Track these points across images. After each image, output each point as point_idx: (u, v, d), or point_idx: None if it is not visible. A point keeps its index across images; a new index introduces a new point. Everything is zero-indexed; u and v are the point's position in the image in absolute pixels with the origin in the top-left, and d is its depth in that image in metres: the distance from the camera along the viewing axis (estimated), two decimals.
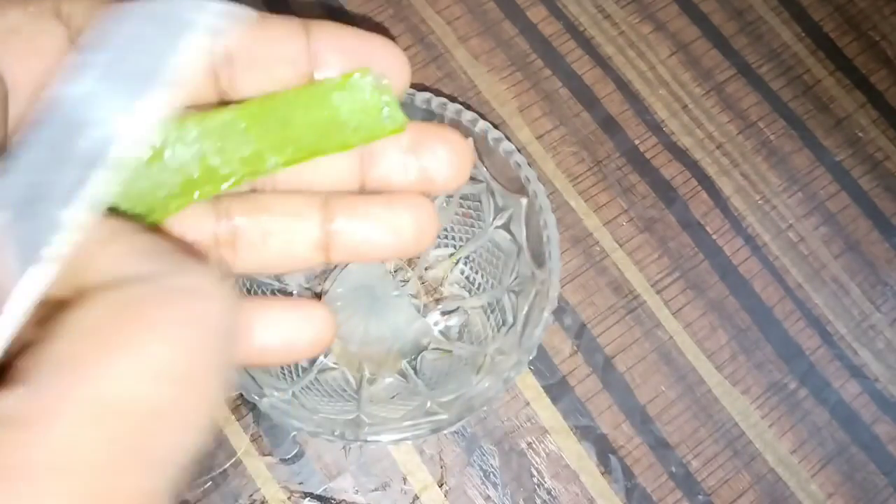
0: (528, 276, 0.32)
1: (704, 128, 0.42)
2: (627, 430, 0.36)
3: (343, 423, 0.30)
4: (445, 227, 0.36)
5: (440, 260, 0.36)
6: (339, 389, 0.33)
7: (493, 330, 0.34)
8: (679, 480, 0.35)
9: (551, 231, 0.30)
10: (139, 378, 0.13)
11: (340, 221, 0.20)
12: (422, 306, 0.36)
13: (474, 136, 0.31)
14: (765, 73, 0.43)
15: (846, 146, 0.42)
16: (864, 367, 0.38)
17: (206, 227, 0.19)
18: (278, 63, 0.19)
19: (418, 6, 0.42)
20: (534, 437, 0.35)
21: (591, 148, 0.41)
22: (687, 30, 0.44)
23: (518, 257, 0.33)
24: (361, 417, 0.31)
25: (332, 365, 0.34)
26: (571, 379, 0.36)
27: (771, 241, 0.40)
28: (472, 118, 0.31)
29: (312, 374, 0.33)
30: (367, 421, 0.30)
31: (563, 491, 0.35)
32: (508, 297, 0.33)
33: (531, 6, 0.43)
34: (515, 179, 0.31)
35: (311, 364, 0.34)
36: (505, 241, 0.33)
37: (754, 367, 0.37)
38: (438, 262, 0.36)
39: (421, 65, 0.41)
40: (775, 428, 0.36)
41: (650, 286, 0.38)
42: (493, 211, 0.34)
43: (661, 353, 0.37)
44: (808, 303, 0.39)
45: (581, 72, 0.42)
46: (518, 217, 0.32)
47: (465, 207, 0.35)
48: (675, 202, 0.40)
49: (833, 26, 0.44)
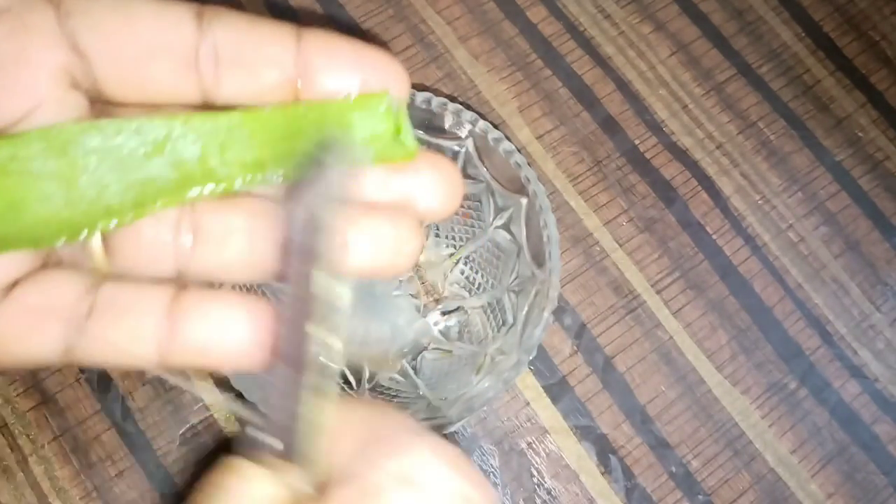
0: (528, 276, 0.32)
1: (704, 128, 0.42)
2: (627, 430, 0.36)
3: None
4: (445, 227, 0.36)
5: (440, 260, 0.36)
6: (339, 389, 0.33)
7: (493, 330, 0.34)
8: (679, 480, 0.35)
9: (551, 231, 0.30)
10: None
11: None
12: (422, 306, 0.36)
13: (474, 137, 0.31)
14: (765, 73, 0.43)
15: (846, 146, 0.42)
16: (864, 367, 0.38)
17: (166, 215, 0.18)
18: (265, 65, 0.18)
19: (418, 6, 0.42)
20: (534, 437, 0.35)
21: (591, 148, 0.41)
22: (687, 30, 0.44)
23: (518, 257, 0.33)
24: None
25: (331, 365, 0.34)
26: (571, 379, 0.36)
27: (771, 241, 0.40)
28: (472, 118, 0.31)
29: None
30: None
31: (563, 491, 0.35)
32: (508, 297, 0.33)
33: (531, 6, 0.43)
34: (515, 179, 0.31)
35: None
36: (505, 241, 0.33)
37: (754, 367, 0.37)
38: (438, 261, 0.36)
39: (421, 65, 0.41)
40: (775, 428, 0.36)
41: (650, 286, 0.38)
42: (493, 211, 0.34)
43: (661, 353, 0.37)
44: (808, 303, 0.39)
45: (581, 72, 0.42)
46: (518, 217, 0.32)
47: (465, 207, 0.35)
48: (675, 202, 0.40)
49: (833, 26, 0.44)
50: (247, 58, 0.18)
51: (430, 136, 0.32)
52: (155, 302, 0.18)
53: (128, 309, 0.18)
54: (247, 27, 0.18)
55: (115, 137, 0.18)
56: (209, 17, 0.18)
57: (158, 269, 0.18)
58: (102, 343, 0.17)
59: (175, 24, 0.18)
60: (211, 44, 0.18)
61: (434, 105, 0.31)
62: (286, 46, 0.18)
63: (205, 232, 0.18)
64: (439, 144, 0.33)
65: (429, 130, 0.32)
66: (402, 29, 0.42)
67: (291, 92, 0.18)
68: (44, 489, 0.33)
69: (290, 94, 0.18)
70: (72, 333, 0.17)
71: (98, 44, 0.17)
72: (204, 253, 0.18)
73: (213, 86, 0.18)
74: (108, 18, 0.18)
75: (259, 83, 0.18)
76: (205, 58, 0.18)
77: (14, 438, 0.34)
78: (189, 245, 0.18)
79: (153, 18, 0.18)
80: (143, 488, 0.33)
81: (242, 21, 0.18)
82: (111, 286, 0.18)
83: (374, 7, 0.42)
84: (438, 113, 0.31)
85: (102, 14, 0.18)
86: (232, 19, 0.18)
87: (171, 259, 0.18)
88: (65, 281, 0.18)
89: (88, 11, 0.17)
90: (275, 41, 0.18)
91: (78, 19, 0.17)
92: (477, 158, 0.32)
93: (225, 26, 0.18)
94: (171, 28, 0.18)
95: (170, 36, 0.18)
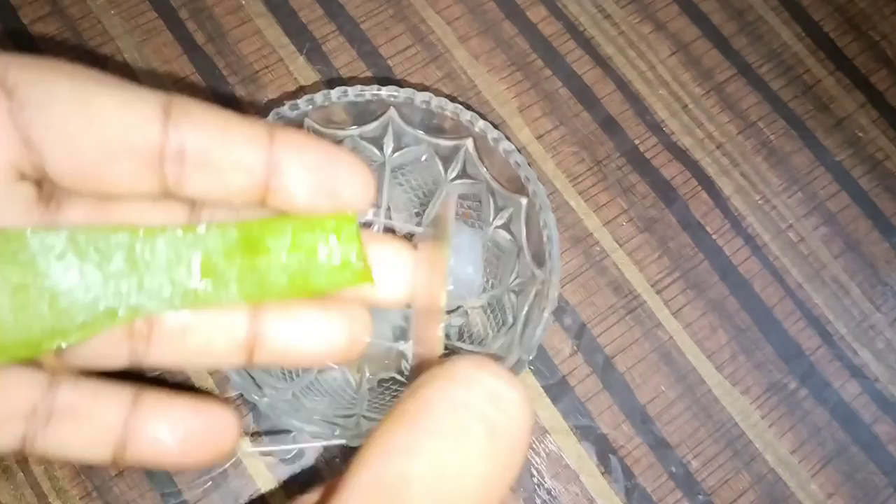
0: (529, 276, 0.32)
1: (704, 128, 0.42)
2: (627, 430, 0.36)
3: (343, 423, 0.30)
4: None
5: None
6: (340, 389, 0.33)
7: (493, 330, 0.34)
8: (679, 480, 0.35)
9: (551, 231, 0.30)
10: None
11: (269, 322, 0.19)
12: None
13: (474, 136, 0.31)
14: (765, 73, 0.43)
15: (846, 146, 0.42)
16: (864, 367, 0.38)
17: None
18: (234, 168, 0.17)
19: (418, 6, 0.42)
20: (534, 437, 0.35)
21: (591, 148, 0.41)
22: (687, 30, 0.44)
23: (518, 257, 0.33)
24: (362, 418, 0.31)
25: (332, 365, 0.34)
26: (571, 379, 0.36)
27: (771, 241, 0.40)
28: (471, 118, 0.31)
29: (312, 374, 0.33)
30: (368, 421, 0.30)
31: (563, 491, 0.35)
32: (508, 296, 0.33)
33: (531, 6, 0.43)
34: (515, 179, 0.31)
35: None
36: (505, 240, 0.33)
37: (754, 367, 0.37)
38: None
39: (421, 65, 0.41)
40: (775, 428, 0.36)
41: (650, 286, 0.38)
42: (493, 211, 0.34)
43: (661, 353, 0.37)
44: (808, 303, 0.39)
45: (581, 72, 0.42)
46: (518, 217, 0.32)
47: (465, 207, 0.35)
48: (675, 202, 0.40)
49: (833, 26, 0.44)
50: (216, 159, 0.17)
51: (430, 136, 0.32)
52: (112, 410, 0.18)
53: (86, 417, 0.17)
54: (217, 126, 0.17)
55: (68, 250, 0.17)
56: (177, 114, 0.17)
57: (114, 363, 0.18)
58: (59, 446, 0.17)
59: (139, 123, 0.17)
60: (177, 143, 0.17)
61: (433, 105, 0.31)
62: (258, 148, 0.17)
63: (162, 326, 0.18)
64: (438, 144, 0.33)
65: (428, 130, 0.32)
66: (402, 29, 0.42)
67: (258, 194, 0.18)
68: (44, 489, 0.33)
69: (256, 195, 0.18)
70: (30, 432, 0.17)
71: (53, 140, 0.16)
72: (162, 346, 0.18)
73: (177, 185, 0.17)
74: (66, 113, 0.16)
75: (226, 185, 0.17)
76: (170, 158, 0.17)
77: None
78: (145, 335, 0.18)
79: (115, 115, 0.17)
80: (143, 488, 0.33)
81: (213, 119, 0.17)
82: (70, 387, 0.17)
83: (374, 7, 0.42)
84: (438, 113, 0.31)
85: (60, 108, 0.16)
86: (202, 116, 0.17)
87: (125, 352, 0.18)
88: (23, 380, 0.17)
89: (44, 104, 0.16)
90: (246, 143, 0.17)
91: (32, 112, 0.16)
92: (477, 158, 0.32)
93: (194, 125, 0.17)
94: (135, 127, 0.17)
95: (133, 135, 0.17)
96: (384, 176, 0.34)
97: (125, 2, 0.41)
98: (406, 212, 0.36)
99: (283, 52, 0.41)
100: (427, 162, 0.34)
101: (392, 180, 0.35)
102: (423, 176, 0.35)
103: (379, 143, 0.33)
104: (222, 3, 0.42)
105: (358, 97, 0.31)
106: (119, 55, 0.40)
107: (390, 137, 0.33)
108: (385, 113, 0.32)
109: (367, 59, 0.41)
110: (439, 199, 0.35)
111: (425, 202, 0.36)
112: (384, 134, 0.33)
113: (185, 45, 0.41)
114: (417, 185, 0.35)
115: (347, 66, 0.41)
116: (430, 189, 0.35)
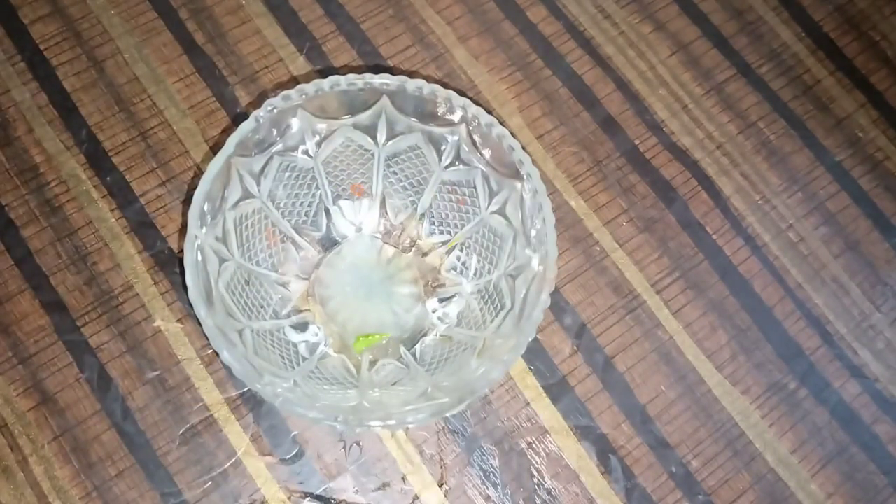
0: (525, 260, 0.32)
1: (704, 128, 0.42)
2: (627, 430, 0.36)
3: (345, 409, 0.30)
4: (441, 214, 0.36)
5: (437, 246, 0.36)
6: (340, 377, 0.33)
7: (491, 314, 0.34)
8: (679, 480, 0.35)
9: (546, 213, 0.30)
10: None
11: None
12: (420, 293, 0.36)
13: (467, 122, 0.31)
14: (765, 73, 0.43)
15: (846, 146, 0.42)
16: (864, 367, 0.38)
17: None
18: None
19: (418, 6, 0.42)
20: (534, 437, 0.35)
21: (591, 148, 0.41)
22: (687, 30, 0.44)
23: (514, 241, 0.33)
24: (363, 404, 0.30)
25: (331, 353, 0.34)
26: (571, 379, 0.36)
27: (771, 241, 0.40)
28: (463, 103, 0.31)
29: (313, 362, 0.33)
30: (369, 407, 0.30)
31: (563, 491, 0.35)
32: (506, 281, 0.33)
33: (531, 6, 0.43)
34: (509, 164, 0.31)
35: (311, 352, 0.34)
36: (501, 225, 0.33)
37: (754, 367, 0.37)
38: (435, 248, 0.36)
39: (421, 65, 0.41)
40: (775, 428, 0.36)
41: (650, 286, 0.38)
42: (487, 196, 0.33)
43: (661, 353, 0.37)
44: (808, 303, 0.39)
45: (581, 72, 0.42)
46: (513, 201, 0.32)
47: (460, 194, 0.35)
48: (675, 202, 0.40)
49: (833, 26, 0.45)
50: None
51: (423, 123, 0.32)
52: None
53: None
54: None
55: None
56: None
57: None
58: None
59: None
60: None
61: (426, 92, 0.31)
62: None
63: None
64: (432, 132, 0.33)
65: (422, 118, 0.32)
66: (402, 29, 0.42)
67: None
68: (44, 489, 0.33)
69: None
70: None
71: None
72: None
73: None
74: None
75: None
76: None
77: (14, 438, 0.34)
78: None
79: None
80: (143, 488, 0.33)
81: None
82: None
83: (374, 7, 0.42)
84: (430, 99, 0.31)
85: None
86: None
87: None
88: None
89: None
90: None
91: None
92: (470, 144, 0.32)
93: None
94: None
95: None
96: (378, 164, 0.34)
97: (125, 2, 0.41)
98: (400, 200, 0.36)
99: (283, 52, 0.41)
100: (421, 149, 0.34)
101: (386, 169, 0.35)
102: (416, 164, 0.35)
103: (372, 132, 0.33)
104: (222, 3, 0.42)
105: (350, 86, 0.31)
106: (119, 55, 0.40)
107: (384, 126, 0.33)
108: (378, 101, 0.32)
109: (368, 58, 0.41)
110: (434, 186, 0.35)
111: (420, 190, 0.36)
112: (377, 123, 0.33)
113: (185, 45, 0.41)
114: (411, 174, 0.35)
115: (348, 66, 0.41)
116: (424, 177, 0.35)
